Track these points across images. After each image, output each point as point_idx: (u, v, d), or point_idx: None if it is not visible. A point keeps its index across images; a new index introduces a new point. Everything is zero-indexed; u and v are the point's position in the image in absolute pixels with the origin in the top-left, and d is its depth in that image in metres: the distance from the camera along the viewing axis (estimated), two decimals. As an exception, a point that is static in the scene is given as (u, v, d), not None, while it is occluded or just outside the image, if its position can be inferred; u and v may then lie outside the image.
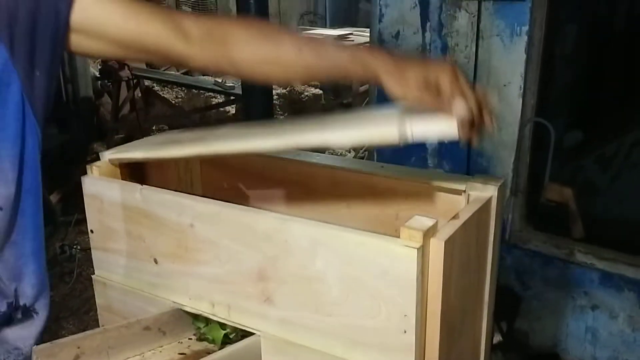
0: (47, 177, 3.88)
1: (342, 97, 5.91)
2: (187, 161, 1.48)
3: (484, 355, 1.24)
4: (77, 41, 0.99)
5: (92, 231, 1.30)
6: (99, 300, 1.35)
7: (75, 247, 3.38)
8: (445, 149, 2.61)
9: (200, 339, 1.24)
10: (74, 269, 3.27)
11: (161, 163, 1.41)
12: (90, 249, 1.34)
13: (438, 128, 0.94)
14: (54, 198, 3.84)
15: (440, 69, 0.95)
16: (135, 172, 1.32)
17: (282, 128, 1.15)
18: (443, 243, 0.95)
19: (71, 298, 3.09)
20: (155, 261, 1.22)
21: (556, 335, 2.55)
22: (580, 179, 3.05)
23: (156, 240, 1.21)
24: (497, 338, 2.46)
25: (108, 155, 1.29)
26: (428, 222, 0.96)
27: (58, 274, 3.28)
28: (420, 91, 0.93)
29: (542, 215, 2.64)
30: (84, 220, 4.09)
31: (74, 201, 3.89)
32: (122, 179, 1.27)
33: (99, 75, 4.80)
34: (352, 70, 0.99)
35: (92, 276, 1.34)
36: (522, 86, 2.40)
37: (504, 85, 2.43)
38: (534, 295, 2.59)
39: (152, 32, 1.00)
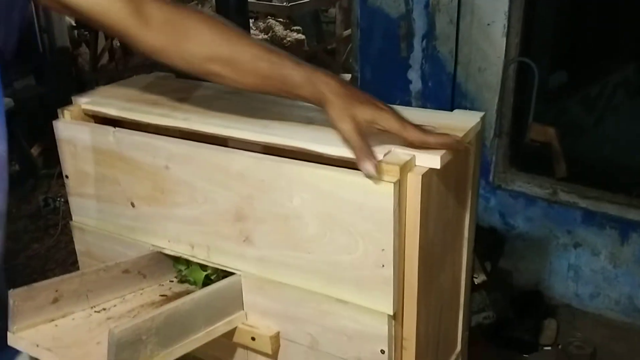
0: (27, 129, 3.80)
1: (325, 42, 5.80)
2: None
3: (464, 291, 1.25)
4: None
5: (67, 177, 1.28)
6: (78, 246, 1.34)
7: (58, 199, 3.35)
8: (429, 91, 2.58)
9: (181, 281, 1.24)
10: (59, 221, 3.25)
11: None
12: None
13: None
14: (35, 151, 3.79)
15: (388, 116, 0.96)
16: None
17: (269, 118, 1.12)
18: (420, 177, 0.94)
19: (57, 250, 3.08)
20: (132, 205, 1.21)
21: (539, 274, 2.59)
22: (564, 119, 3.04)
23: (132, 184, 1.19)
24: (482, 278, 2.49)
25: (82, 103, 1.25)
26: (405, 156, 0.95)
27: (43, 226, 3.26)
28: (358, 136, 0.93)
29: (525, 156, 2.64)
30: (66, 173, 3.95)
31: (56, 154, 3.85)
32: (94, 122, 1.24)
33: (75, 25, 4.67)
34: (302, 90, 0.98)
35: (70, 222, 1.33)
36: (506, 25, 2.36)
37: (488, 25, 2.39)
38: (518, 235, 2.61)
39: (113, 9, 0.97)
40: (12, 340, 1.01)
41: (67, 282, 1.07)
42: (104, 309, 1.11)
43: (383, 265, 0.96)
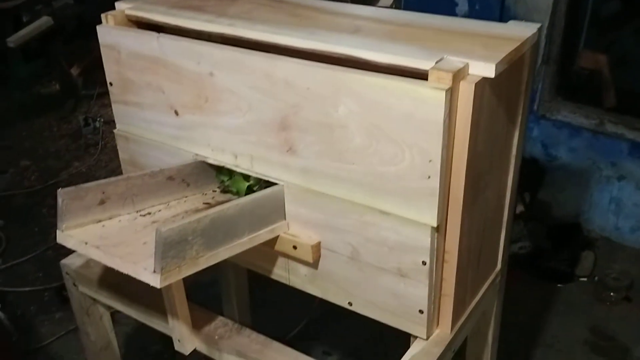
0: (66, 50, 3.80)
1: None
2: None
3: (508, 210, 1.23)
4: None
5: (110, 84, 1.28)
6: (122, 155, 1.35)
7: (98, 119, 3.39)
8: (475, 13, 2.49)
9: (223, 192, 1.25)
10: (99, 141, 3.30)
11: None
12: (113, 121, 1.32)
13: None
14: (74, 71, 3.81)
15: None
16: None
17: (315, 26, 1.08)
18: (473, 86, 0.90)
19: (97, 169, 3.14)
20: (176, 113, 1.20)
21: (579, 206, 2.55)
22: (616, 49, 2.91)
23: (176, 91, 1.18)
24: (520, 208, 2.47)
25: (126, 9, 1.23)
26: (458, 64, 0.91)
27: (83, 145, 3.31)
28: None
29: (573, 85, 2.55)
30: (105, 94, 4.05)
31: (96, 74, 3.87)
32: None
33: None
34: None
35: (114, 130, 1.33)
36: (562, -57, 2.23)
37: (543, -58, 2.26)
38: (560, 167, 2.56)
39: None
40: (61, 238, 1.04)
41: (114, 184, 1.08)
42: (149, 213, 1.13)
43: (429, 177, 0.95)
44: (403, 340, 1.14)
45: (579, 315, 2.17)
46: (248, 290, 1.89)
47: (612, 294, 2.21)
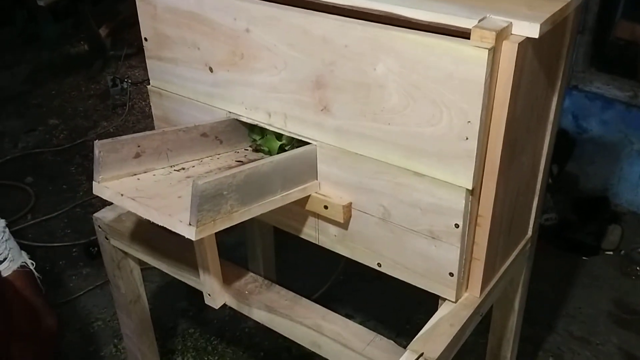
0: (95, 10, 3.79)
1: None
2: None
3: (542, 177, 1.22)
4: None
5: (145, 39, 1.27)
6: (155, 112, 1.36)
7: (126, 80, 3.40)
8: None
9: (255, 150, 1.25)
10: (126, 102, 3.32)
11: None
12: (140, 82, 1.32)
13: None
14: (102, 32, 3.81)
15: None
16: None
17: None
18: (517, 46, 0.89)
19: (125, 129, 3.16)
20: (211, 70, 1.20)
21: (608, 180, 2.52)
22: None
23: (211, 48, 1.18)
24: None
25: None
26: (502, 23, 0.89)
27: (111, 106, 3.33)
28: None
29: (607, 56, 2.50)
30: (133, 55, 4.07)
31: (124, 35, 3.87)
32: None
33: None
34: None
35: (148, 87, 1.34)
36: None
37: None
38: (590, 139, 2.52)
39: None
40: (98, 189, 1.05)
41: (149, 138, 1.09)
42: (183, 169, 1.14)
43: (467, 138, 0.94)
44: (425, 306, 1.14)
45: (604, 288, 2.16)
46: (274, 252, 1.91)
47: (637, 268, 2.19)
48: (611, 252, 2.30)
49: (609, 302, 2.10)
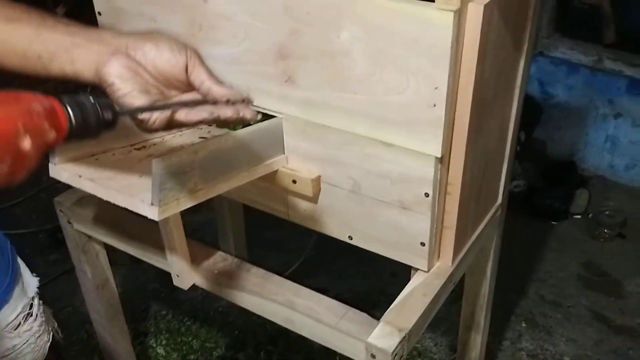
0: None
1: None
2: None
3: (510, 143, 1.21)
4: None
5: (99, 13, 1.22)
6: (113, 89, 1.30)
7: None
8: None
9: (220, 126, 1.21)
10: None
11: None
12: None
13: None
14: (59, 11, 3.69)
15: None
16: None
17: None
18: (482, 7, 0.86)
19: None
20: (169, 43, 1.15)
21: (575, 145, 2.54)
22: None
23: (168, 20, 1.13)
24: (514, 147, 2.46)
25: None
26: (466, -16, 0.87)
27: (72, 87, 3.24)
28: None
29: (572, 21, 2.50)
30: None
31: (81, 15, 3.75)
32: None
33: None
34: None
35: (104, 63, 1.28)
36: None
37: None
38: (556, 105, 2.54)
39: None
40: (54, 171, 1.01)
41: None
42: (144, 147, 1.09)
43: (435, 105, 0.92)
44: (399, 279, 1.14)
45: (573, 252, 2.19)
46: (244, 230, 1.88)
47: (605, 230, 2.23)
48: (579, 216, 2.34)
49: (578, 265, 2.13)
